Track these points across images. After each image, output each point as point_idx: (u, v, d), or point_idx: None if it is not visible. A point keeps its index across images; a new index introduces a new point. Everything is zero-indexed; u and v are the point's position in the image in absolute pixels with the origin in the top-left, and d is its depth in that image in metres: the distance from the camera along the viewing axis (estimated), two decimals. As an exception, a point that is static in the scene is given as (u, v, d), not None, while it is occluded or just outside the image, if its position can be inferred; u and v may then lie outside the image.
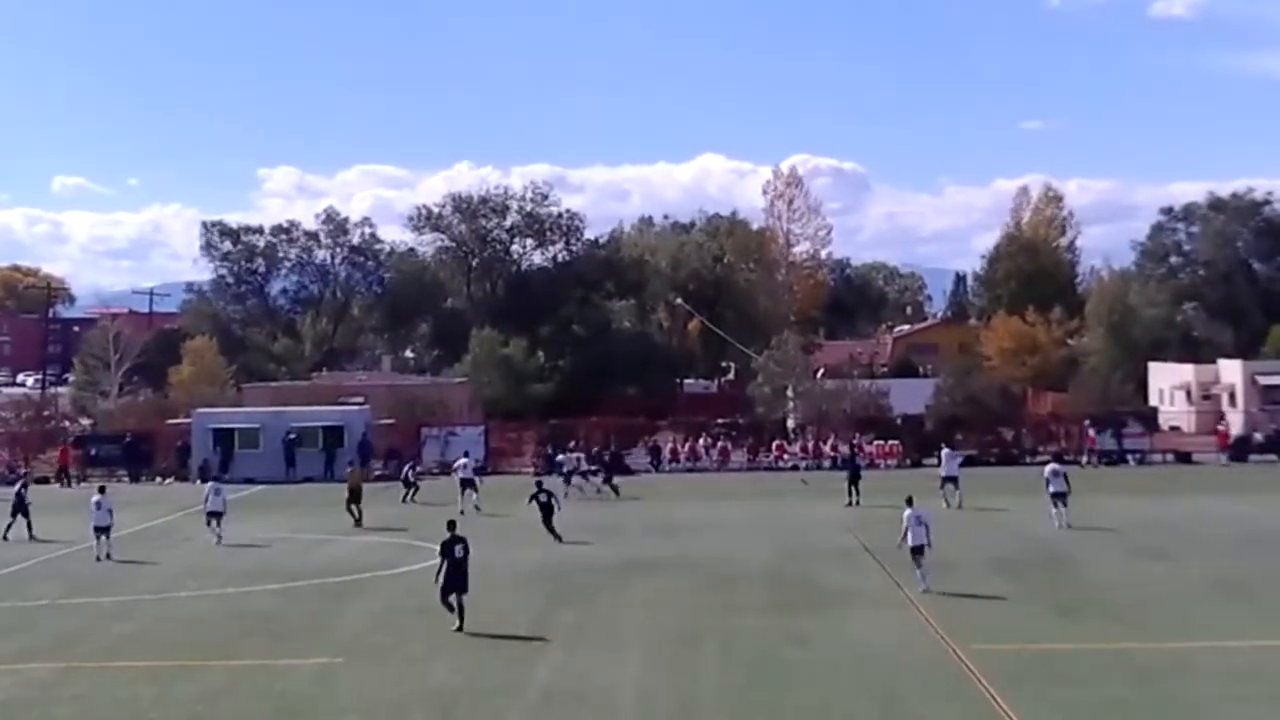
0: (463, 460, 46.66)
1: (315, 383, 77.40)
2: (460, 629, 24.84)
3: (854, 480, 45.20)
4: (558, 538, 36.93)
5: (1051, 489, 38.78)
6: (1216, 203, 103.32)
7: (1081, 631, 24.39)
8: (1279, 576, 29.88)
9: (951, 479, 44.19)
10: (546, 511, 37.51)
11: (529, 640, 24.48)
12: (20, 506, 40.35)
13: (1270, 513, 40.99)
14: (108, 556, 34.92)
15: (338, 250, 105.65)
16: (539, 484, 39.21)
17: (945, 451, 46.63)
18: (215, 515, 37.99)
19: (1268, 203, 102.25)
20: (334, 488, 49.74)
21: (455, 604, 25.14)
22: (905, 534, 28.72)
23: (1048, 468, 40.31)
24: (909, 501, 29.32)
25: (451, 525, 26.17)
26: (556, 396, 78.48)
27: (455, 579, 25.23)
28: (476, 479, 45.99)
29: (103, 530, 35.43)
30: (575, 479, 48.83)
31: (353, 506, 41.90)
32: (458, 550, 25.31)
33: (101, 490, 37.28)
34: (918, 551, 28.43)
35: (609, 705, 19.91)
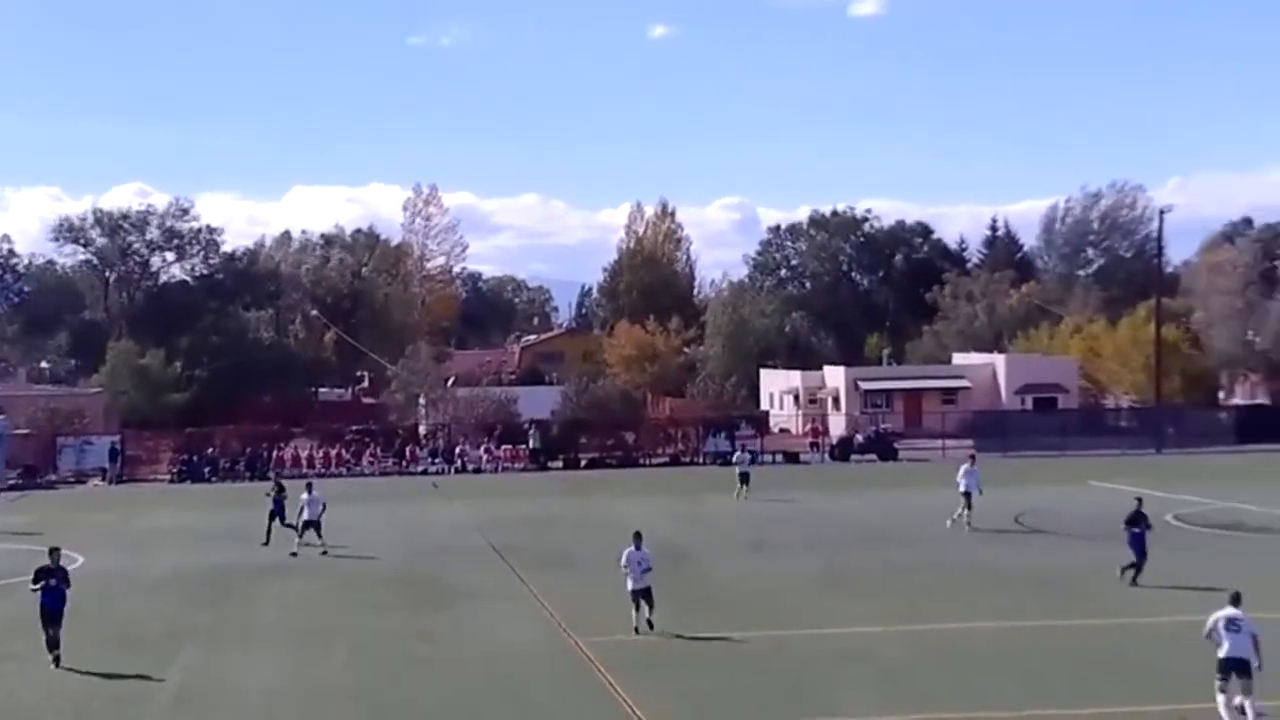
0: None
1: None
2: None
3: None
4: None
5: (962, 488, 38.59)
6: (819, 219, 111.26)
7: (695, 623, 25.78)
8: (874, 568, 32.43)
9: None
10: None
11: (163, 644, 24.55)
12: None
13: (869, 509, 44.13)
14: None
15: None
16: None
17: None
18: None
19: (866, 219, 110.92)
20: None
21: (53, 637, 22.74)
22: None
23: (961, 468, 39.71)
24: None
25: (53, 552, 23.67)
26: (194, 405, 78.58)
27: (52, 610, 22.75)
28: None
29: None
30: None
31: None
32: (53, 580, 22.91)
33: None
34: None
35: (240, 705, 20.27)
